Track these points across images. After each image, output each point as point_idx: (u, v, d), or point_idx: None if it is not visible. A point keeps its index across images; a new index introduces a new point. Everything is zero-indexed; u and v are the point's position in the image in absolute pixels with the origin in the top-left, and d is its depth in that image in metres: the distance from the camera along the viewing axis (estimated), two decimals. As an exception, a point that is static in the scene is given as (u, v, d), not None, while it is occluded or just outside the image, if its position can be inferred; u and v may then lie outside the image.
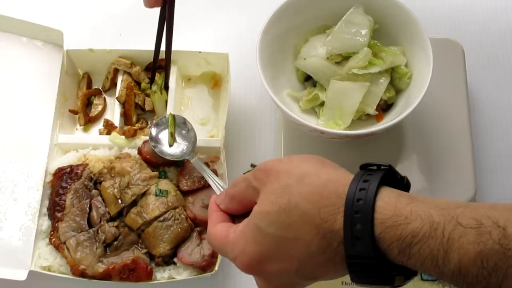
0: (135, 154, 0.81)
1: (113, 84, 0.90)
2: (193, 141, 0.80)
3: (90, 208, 0.78)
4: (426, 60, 0.72)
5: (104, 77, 0.91)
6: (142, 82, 0.89)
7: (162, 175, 0.80)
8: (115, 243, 0.76)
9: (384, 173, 0.46)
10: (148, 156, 0.80)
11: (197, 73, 0.91)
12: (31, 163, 0.82)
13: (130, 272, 0.73)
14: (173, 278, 0.75)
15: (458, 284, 0.41)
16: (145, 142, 0.81)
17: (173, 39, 0.88)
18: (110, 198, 0.77)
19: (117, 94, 0.88)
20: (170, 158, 0.79)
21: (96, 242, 0.76)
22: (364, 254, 0.43)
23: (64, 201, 0.78)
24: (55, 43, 0.87)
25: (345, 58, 0.77)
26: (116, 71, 0.90)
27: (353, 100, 0.75)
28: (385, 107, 0.79)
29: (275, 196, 0.48)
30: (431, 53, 0.72)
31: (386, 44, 0.78)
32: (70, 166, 0.80)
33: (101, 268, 0.74)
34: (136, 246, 0.76)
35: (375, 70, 0.75)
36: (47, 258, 0.77)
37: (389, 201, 0.44)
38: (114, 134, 0.84)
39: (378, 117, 0.78)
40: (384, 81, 0.76)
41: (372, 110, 0.76)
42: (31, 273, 0.75)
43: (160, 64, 0.89)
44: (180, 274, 0.75)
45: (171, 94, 0.86)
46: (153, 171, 0.79)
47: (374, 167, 0.48)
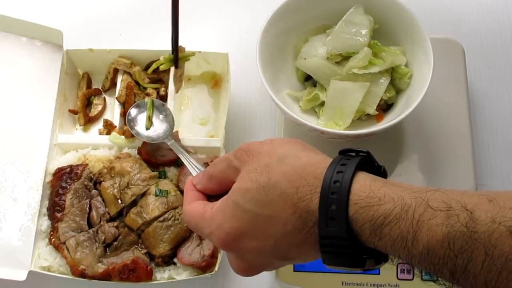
0: (135, 154, 0.81)
1: (113, 84, 0.90)
2: (171, 125, 0.80)
3: (90, 208, 0.78)
4: (426, 60, 0.72)
5: (104, 77, 0.91)
6: (142, 82, 0.88)
7: (162, 175, 0.80)
8: (115, 243, 0.76)
9: (362, 158, 0.47)
10: (148, 156, 0.80)
11: (197, 73, 0.91)
12: (31, 163, 0.82)
13: (130, 272, 0.73)
14: (173, 279, 0.75)
15: (426, 266, 0.41)
16: (145, 142, 0.81)
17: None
18: (110, 198, 0.77)
19: (117, 94, 0.88)
20: (147, 140, 0.80)
21: (96, 242, 0.76)
22: (338, 235, 0.44)
23: (64, 201, 0.78)
24: (55, 43, 0.87)
25: (345, 58, 0.77)
26: (116, 71, 0.90)
27: (353, 100, 0.74)
28: (385, 107, 0.79)
29: (255, 174, 0.49)
30: (431, 53, 0.72)
31: (386, 44, 0.77)
32: (70, 166, 0.80)
33: (101, 268, 0.74)
34: (136, 246, 0.76)
35: (375, 70, 0.75)
36: (47, 258, 0.76)
37: (364, 184, 0.45)
38: (114, 134, 0.84)
39: (378, 117, 0.78)
40: (384, 81, 0.76)
41: (372, 110, 0.76)
42: (31, 273, 0.75)
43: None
44: (180, 275, 0.75)
45: (171, 94, 0.86)
46: (153, 171, 0.79)
47: (353, 154, 0.49)
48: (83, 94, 0.90)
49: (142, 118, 0.82)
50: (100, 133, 0.87)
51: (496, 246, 0.38)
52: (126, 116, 0.81)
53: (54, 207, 0.78)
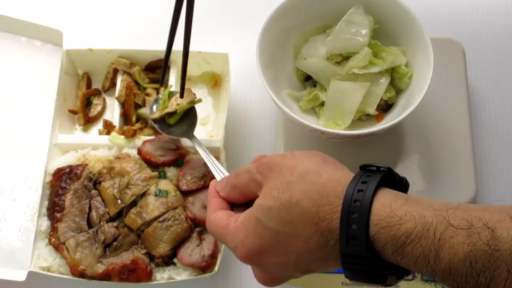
0: (135, 154, 0.81)
1: (113, 84, 0.90)
2: (194, 122, 0.80)
3: (90, 209, 0.78)
4: (427, 60, 0.72)
5: (104, 77, 0.91)
6: (142, 82, 0.88)
7: (162, 175, 0.79)
8: (115, 244, 0.75)
9: (383, 175, 0.48)
10: (148, 156, 0.80)
11: (197, 73, 0.91)
12: (31, 163, 0.81)
13: (130, 273, 0.73)
14: (173, 279, 0.75)
15: (449, 283, 0.42)
16: (145, 142, 0.81)
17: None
18: (110, 198, 0.77)
19: (117, 94, 0.88)
20: (170, 136, 0.79)
21: (96, 243, 0.76)
22: (359, 254, 0.45)
23: (64, 202, 0.78)
24: (55, 43, 0.87)
25: (345, 58, 0.77)
26: (116, 71, 0.90)
27: (353, 100, 0.74)
28: (385, 107, 0.79)
29: (277, 192, 0.49)
30: (432, 53, 0.72)
31: (387, 44, 0.77)
32: (70, 166, 0.80)
33: (101, 269, 0.74)
34: (136, 247, 0.76)
35: (375, 70, 0.75)
36: (47, 259, 0.76)
37: (385, 203, 0.45)
38: (114, 134, 0.84)
39: (378, 117, 0.78)
40: (385, 81, 0.76)
41: (372, 110, 0.76)
42: (31, 274, 0.74)
43: (161, 64, 0.88)
44: (180, 275, 0.74)
45: (171, 94, 0.86)
46: (153, 171, 0.79)
47: (374, 168, 0.49)
48: (83, 94, 0.89)
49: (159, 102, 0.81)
50: (100, 133, 0.87)
51: None
52: (150, 111, 0.81)
53: (54, 207, 0.78)
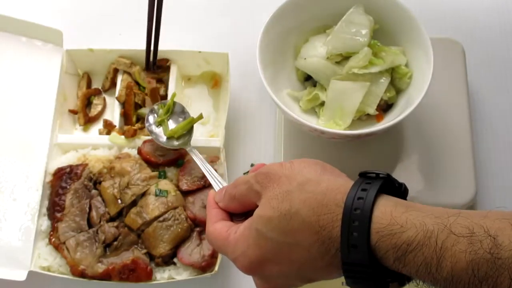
0: (135, 154, 0.81)
1: (113, 84, 0.90)
2: (191, 131, 0.80)
3: (90, 208, 0.78)
4: (427, 60, 0.72)
5: (104, 77, 0.91)
6: (142, 82, 0.88)
7: (162, 175, 0.79)
8: (115, 243, 0.75)
9: (382, 182, 0.47)
10: (148, 156, 0.80)
11: (197, 73, 0.91)
12: (31, 163, 0.81)
13: (130, 273, 0.73)
14: (173, 279, 0.75)
15: None
16: (145, 142, 0.81)
17: (173, 39, 0.88)
18: (110, 198, 0.77)
19: (117, 94, 0.88)
20: (166, 147, 0.79)
21: (96, 242, 0.76)
22: (360, 262, 0.44)
23: (64, 201, 0.78)
24: (55, 43, 0.87)
25: (345, 58, 0.77)
26: (116, 71, 0.90)
27: (353, 100, 0.74)
28: (385, 107, 0.79)
29: (277, 202, 0.49)
30: (432, 53, 0.72)
31: (386, 44, 0.77)
32: (70, 166, 0.80)
33: (101, 269, 0.74)
34: (136, 246, 0.76)
35: (375, 70, 0.75)
36: (47, 258, 0.76)
37: (386, 210, 0.45)
38: (114, 134, 0.84)
39: (378, 117, 0.78)
40: (385, 81, 0.76)
41: (372, 110, 0.76)
42: (31, 274, 0.75)
43: (161, 64, 0.88)
44: (180, 275, 0.75)
45: (171, 94, 0.86)
46: (153, 171, 0.79)
47: (373, 175, 0.49)
48: (83, 94, 0.89)
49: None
50: (100, 133, 0.87)
51: None
52: (145, 119, 0.80)
53: (54, 207, 0.78)
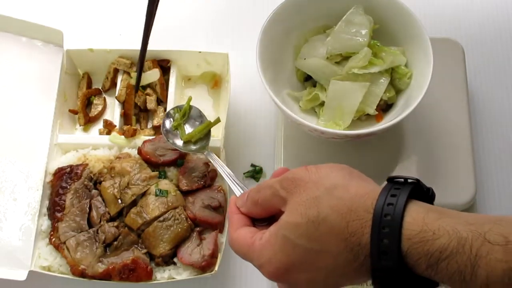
0: (135, 154, 0.81)
1: (113, 84, 0.90)
2: (208, 135, 0.79)
3: (90, 208, 0.78)
4: (426, 60, 0.72)
5: (104, 77, 0.91)
6: (142, 82, 0.88)
7: (162, 175, 0.80)
8: (115, 243, 0.76)
9: (412, 188, 0.47)
10: (148, 156, 0.80)
11: (197, 73, 0.91)
12: (31, 163, 0.82)
13: (130, 272, 0.73)
14: (173, 278, 0.75)
15: None
16: (145, 142, 0.81)
17: (173, 39, 0.88)
18: (110, 198, 0.77)
19: (117, 94, 0.88)
20: (184, 151, 0.78)
21: (96, 242, 0.76)
22: (390, 269, 0.44)
23: (64, 201, 0.78)
24: (55, 43, 0.87)
25: (345, 58, 0.77)
26: (116, 71, 0.90)
27: (353, 100, 0.74)
28: (385, 107, 0.79)
29: (304, 208, 0.48)
30: (431, 53, 0.72)
31: (386, 44, 0.78)
32: (70, 166, 0.80)
33: (101, 268, 0.74)
34: (136, 246, 0.76)
35: (375, 70, 0.75)
36: (47, 258, 0.76)
37: (417, 217, 0.44)
38: (114, 134, 0.84)
39: (378, 117, 0.78)
40: (384, 81, 0.76)
41: (372, 110, 0.76)
42: (31, 273, 0.75)
43: (161, 65, 0.88)
44: (180, 274, 0.75)
45: (171, 95, 0.86)
46: (153, 171, 0.79)
47: (401, 180, 0.48)
48: (83, 94, 0.90)
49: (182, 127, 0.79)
50: (100, 133, 0.87)
51: None
52: (162, 125, 0.79)
53: (54, 207, 0.78)
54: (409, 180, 0.48)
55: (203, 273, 0.74)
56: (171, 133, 0.79)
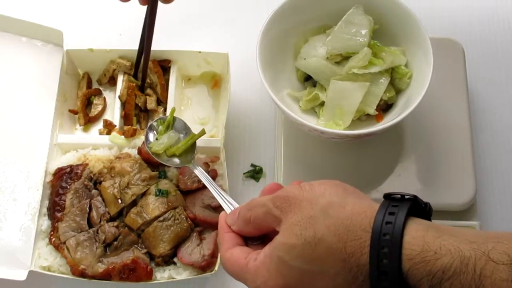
0: (135, 154, 0.81)
1: (110, 80, 0.90)
2: (193, 148, 0.77)
3: (90, 208, 0.78)
4: (426, 60, 0.73)
5: (101, 73, 0.91)
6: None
7: (162, 175, 0.80)
8: (115, 243, 0.76)
9: (410, 205, 0.46)
10: (148, 156, 0.80)
11: (197, 73, 0.91)
12: (31, 163, 0.82)
13: (130, 272, 0.73)
14: (173, 278, 0.75)
15: None
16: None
17: (173, 39, 0.88)
18: (110, 198, 0.77)
19: (119, 93, 0.88)
20: (169, 165, 0.77)
21: (96, 242, 0.76)
22: None
23: (64, 201, 0.78)
24: (55, 43, 0.87)
25: (345, 58, 0.77)
26: (115, 71, 0.90)
27: (353, 100, 0.74)
28: (385, 107, 0.79)
29: (300, 228, 0.47)
30: (431, 53, 0.72)
31: (386, 44, 0.78)
32: (70, 166, 0.80)
33: (101, 268, 0.74)
34: (136, 246, 0.76)
35: (375, 70, 0.75)
36: (47, 258, 0.76)
37: (417, 236, 0.43)
38: (114, 134, 0.84)
39: (378, 117, 0.78)
40: (384, 81, 0.76)
41: (372, 110, 0.76)
42: (31, 273, 0.75)
43: (161, 65, 0.88)
44: (180, 274, 0.75)
45: (171, 95, 0.86)
46: (153, 171, 0.79)
47: (398, 196, 0.47)
48: (83, 94, 0.90)
49: (164, 139, 0.76)
50: (100, 133, 0.87)
51: None
52: (145, 138, 0.77)
53: (54, 207, 0.78)
54: (406, 197, 0.47)
55: (203, 273, 0.74)
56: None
